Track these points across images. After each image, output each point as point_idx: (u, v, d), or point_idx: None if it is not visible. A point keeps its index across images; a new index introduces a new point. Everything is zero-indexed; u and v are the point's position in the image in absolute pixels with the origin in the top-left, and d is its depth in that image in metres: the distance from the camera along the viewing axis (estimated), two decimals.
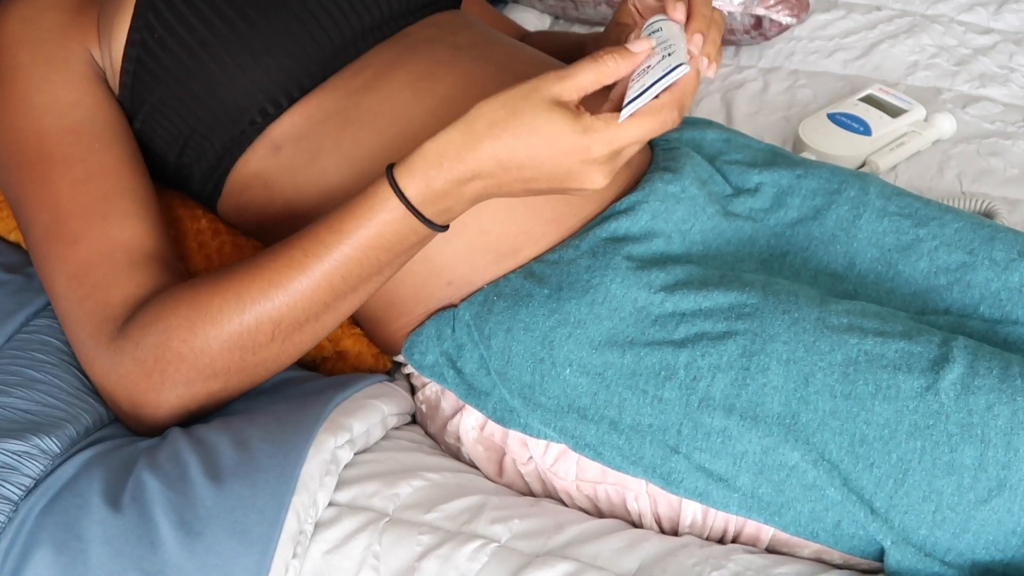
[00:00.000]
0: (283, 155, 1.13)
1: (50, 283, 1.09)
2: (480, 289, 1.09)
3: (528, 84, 0.93)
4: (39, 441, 1.03)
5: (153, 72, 1.14)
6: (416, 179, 0.96)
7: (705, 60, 0.97)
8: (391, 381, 1.16)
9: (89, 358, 1.05)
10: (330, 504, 1.03)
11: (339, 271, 0.99)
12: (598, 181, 0.94)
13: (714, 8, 1.00)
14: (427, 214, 0.97)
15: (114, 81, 1.16)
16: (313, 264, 0.99)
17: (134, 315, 1.03)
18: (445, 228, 0.99)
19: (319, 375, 1.16)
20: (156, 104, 1.15)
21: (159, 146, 1.17)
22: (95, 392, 1.09)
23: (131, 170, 1.13)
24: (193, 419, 1.07)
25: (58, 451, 1.03)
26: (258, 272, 1.01)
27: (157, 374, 1.02)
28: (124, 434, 1.08)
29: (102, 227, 1.08)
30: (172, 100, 1.14)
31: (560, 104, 0.92)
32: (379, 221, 0.97)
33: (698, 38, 0.96)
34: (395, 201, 0.96)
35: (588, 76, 0.93)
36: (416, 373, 1.14)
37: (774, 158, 1.20)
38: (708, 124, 1.27)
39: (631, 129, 0.92)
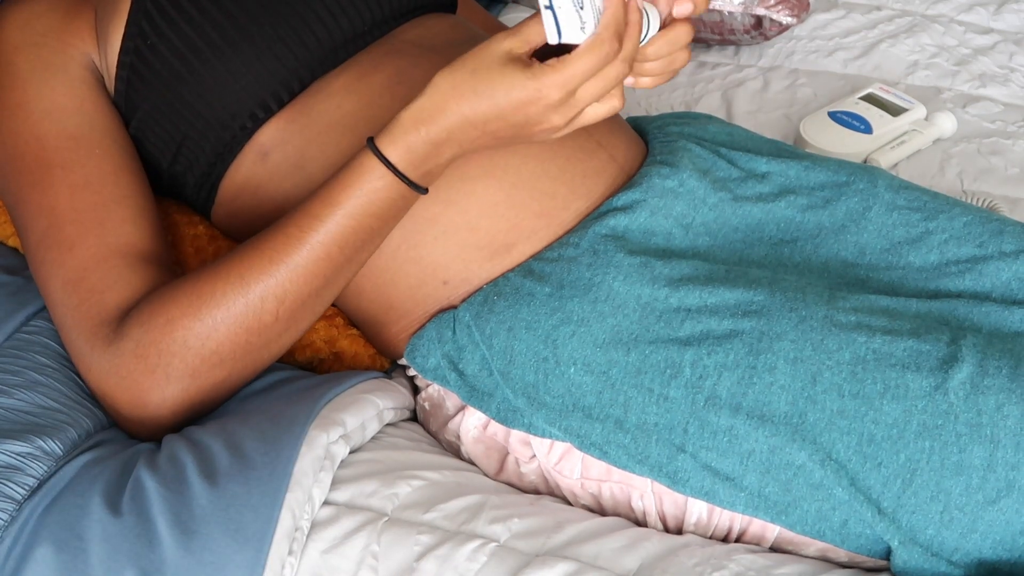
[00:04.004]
0: (271, 161, 1.13)
1: (46, 289, 1.09)
2: (479, 289, 1.08)
3: (481, 46, 0.97)
4: (42, 443, 1.03)
5: (146, 78, 1.14)
6: (397, 146, 1.00)
7: None
8: (388, 378, 1.15)
9: (86, 363, 1.06)
10: (328, 503, 1.03)
11: (336, 242, 1.02)
12: (556, 121, 0.97)
13: None
14: (412, 177, 1.01)
15: (111, 86, 1.17)
16: (310, 237, 1.02)
17: (130, 314, 1.04)
18: (426, 191, 1.03)
19: (313, 374, 1.15)
20: (149, 111, 1.15)
21: (152, 154, 1.17)
22: (94, 397, 1.09)
23: (129, 175, 1.13)
24: (191, 421, 1.07)
25: (60, 453, 1.04)
26: (257, 252, 1.03)
27: (161, 369, 1.02)
28: (123, 437, 1.08)
29: (98, 232, 1.08)
30: (164, 106, 1.14)
31: (512, 58, 0.96)
32: (369, 189, 1.01)
33: None
34: (381, 169, 1.00)
35: (534, 30, 0.96)
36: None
37: (779, 151, 1.20)
38: (709, 119, 1.27)
39: (575, 65, 0.94)
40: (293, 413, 1.04)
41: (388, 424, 1.12)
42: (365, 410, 1.08)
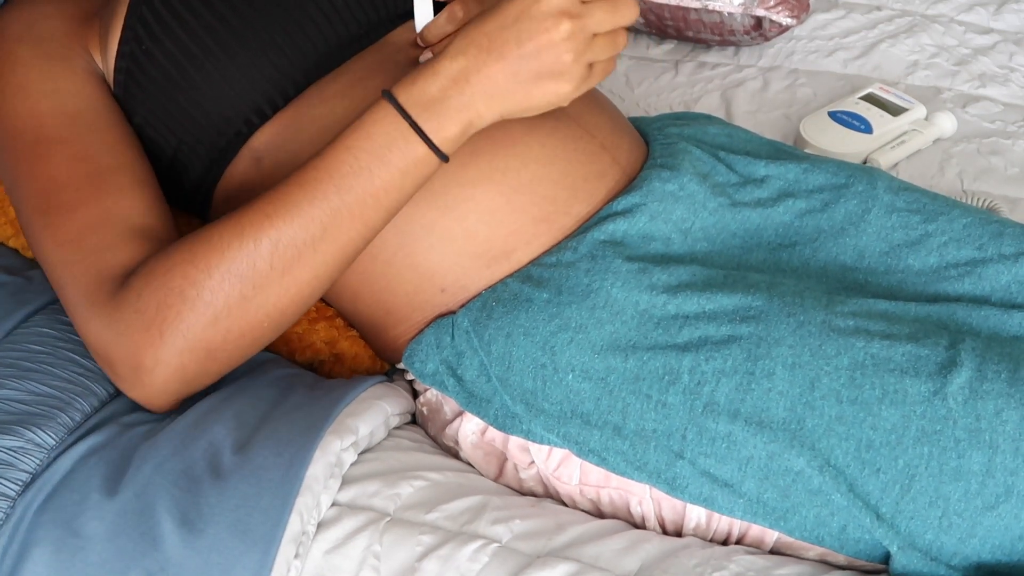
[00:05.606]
0: (264, 165, 1.13)
1: (44, 251, 1.08)
2: (478, 295, 1.08)
3: None
4: (33, 435, 1.03)
5: (141, 83, 1.14)
6: (404, 80, 1.00)
7: None
8: (390, 382, 1.16)
9: (84, 319, 1.04)
10: (331, 503, 1.03)
11: (332, 178, 1.00)
12: (565, 50, 0.97)
13: None
14: (413, 111, 0.99)
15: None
16: (306, 174, 1.01)
17: (138, 268, 1.03)
18: (443, 156, 1.00)
19: (318, 375, 1.15)
20: (145, 116, 1.15)
21: (148, 158, 1.17)
22: (92, 373, 1.09)
23: (130, 149, 1.13)
24: (186, 394, 1.05)
25: (53, 443, 1.03)
26: (259, 199, 1.02)
27: (156, 325, 1.00)
28: (123, 414, 1.07)
29: (99, 197, 1.08)
30: (160, 111, 1.14)
31: None
32: (369, 121, 1.00)
33: None
34: (382, 100, 1.00)
35: None
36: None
37: (778, 152, 1.20)
38: (709, 120, 1.26)
39: None
40: (308, 416, 1.04)
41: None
42: (376, 417, 1.07)
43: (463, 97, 0.98)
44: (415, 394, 1.16)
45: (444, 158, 1.00)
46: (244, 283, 1.00)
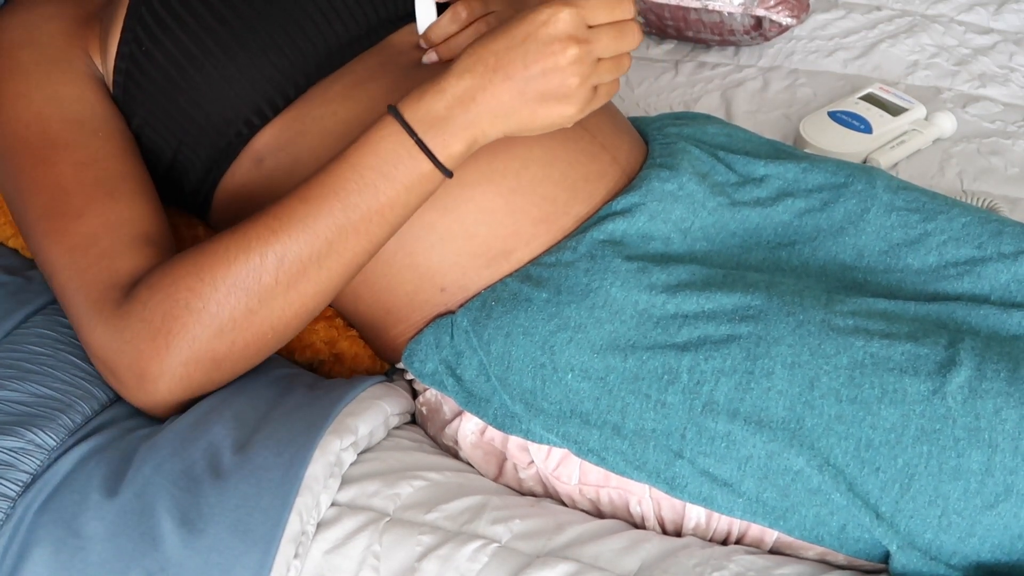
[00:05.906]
0: (265, 167, 1.13)
1: (48, 256, 1.08)
2: (477, 295, 1.08)
3: None
4: (33, 436, 1.03)
5: (142, 85, 1.14)
6: (410, 97, 1.00)
7: None
8: (390, 381, 1.16)
9: (90, 327, 1.04)
10: (331, 503, 1.03)
11: (338, 196, 1.00)
12: (571, 75, 0.97)
13: None
14: (418, 129, 0.99)
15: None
16: (312, 190, 1.01)
17: (143, 279, 1.03)
18: (448, 172, 1.01)
19: (318, 375, 1.15)
20: (145, 117, 1.15)
21: (149, 159, 1.17)
22: (93, 376, 1.09)
23: (132, 157, 1.13)
24: (188, 402, 1.05)
25: (54, 444, 1.03)
26: (263, 215, 1.02)
27: (163, 335, 1.01)
28: (124, 419, 1.08)
29: (107, 202, 1.08)
30: (160, 112, 1.14)
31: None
32: (374, 138, 1.00)
33: None
34: (388, 117, 1.00)
35: None
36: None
37: (777, 152, 1.20)
38: (708, 119, 1.27)
39: None
40: (308, 416, 1.04)
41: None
42: (376, 417, 1.07)
43: (468, 115, 0.98)
44: (415, 394, 1.16)
45: (448, 174, 1.01)
46: (250, 296, 1.01)
